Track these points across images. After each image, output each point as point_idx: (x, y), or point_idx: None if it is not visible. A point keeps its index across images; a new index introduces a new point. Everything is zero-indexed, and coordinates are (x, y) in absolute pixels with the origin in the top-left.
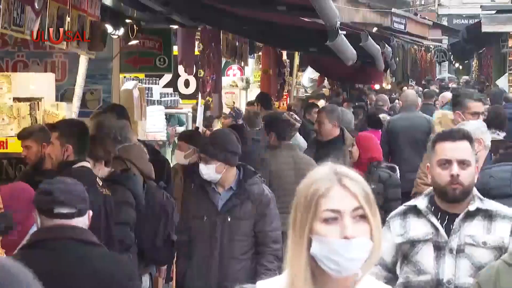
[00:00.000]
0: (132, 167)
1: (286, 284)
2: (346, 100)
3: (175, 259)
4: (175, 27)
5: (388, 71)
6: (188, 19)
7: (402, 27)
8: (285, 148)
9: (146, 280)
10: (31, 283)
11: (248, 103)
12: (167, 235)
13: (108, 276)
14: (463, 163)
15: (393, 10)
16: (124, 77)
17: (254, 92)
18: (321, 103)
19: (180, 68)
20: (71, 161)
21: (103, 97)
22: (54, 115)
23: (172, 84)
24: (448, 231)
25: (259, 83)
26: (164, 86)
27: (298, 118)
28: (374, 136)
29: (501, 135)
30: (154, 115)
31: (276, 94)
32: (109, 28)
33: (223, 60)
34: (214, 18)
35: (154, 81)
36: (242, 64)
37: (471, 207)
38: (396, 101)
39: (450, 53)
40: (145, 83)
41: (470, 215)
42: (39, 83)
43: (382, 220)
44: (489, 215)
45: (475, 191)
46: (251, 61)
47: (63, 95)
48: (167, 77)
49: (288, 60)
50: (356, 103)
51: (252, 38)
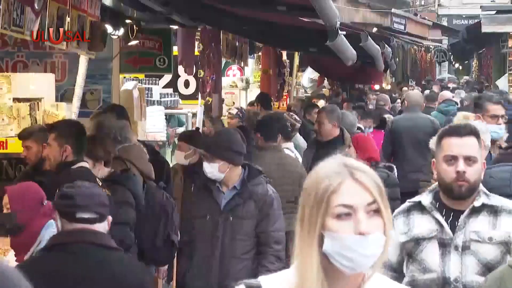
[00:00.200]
0: (132, 167)
1: (295, 280)
2: (346, 100)
3: (176, 259)
4: (175, 27)
5: (388, 71)
6: (188, 19)
7: (402, 27)
8: (271, 149)
9: None
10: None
11: (249, 104)
12: (167, 235)
13: (126, 281)
14: (469, 160)
15: (393, 10)
16: (124, 77)
17: (254, 92)
18: (320, 103)
19: (180, 69)
20: (70, 161)
21: (103, 97)
22: (54, 115)
23: (172, 84)
24: (453, 228)
25: (259, 83)
26: (164, 87)
27: (298, 119)
28: (372, 136)
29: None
30: (154, 116)
31: (276, 94)
32: (109, 28)
33: (223, 60)
34: (214, 18)
35: (154, 81)
36: (242, 64)
37: (477, 203)
38: (398, 101)
39: (450, 53)
40: (145, 84)
41: (475, 211)
42: (39, 84)
43: None
44: (494, 211)
45: (481, 186)
46: (251, 61)
47: (63, 95)
48: (167, 77)
49: (288, 60)
50: (356, 103)
51: (252, 38)
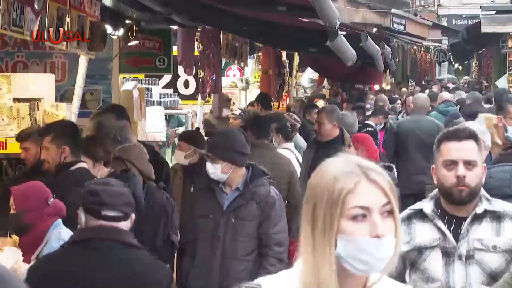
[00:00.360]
0: (131, 168)
1: (302, 282)
2: (345, 100)
3: (176, 259)
4: (175, 27)
5: (387, 71)
6: (188, 19)
7: (402, 27)
8: (262, 147)
9: None
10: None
11: (249, 104)
12: (166, 235)
13: (146, 279)
14: (469, 164)
15: (392, 10)
16: (123, 77)
17: (253, 92)
18: (320, 103)
19: (180, 69)
20: (69, 162)
21: (103, 97)
22: (54, 115)
23: (172, 84)
24: (456, 236)
25: (259, 84)
26: (164, 87)
27: (298, 119)
28: (370, 136)
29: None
30: (154, 116)
31: (275, 94)
32: (109, 28)
33: (223, 61)
34: (214, 18)
35: (154, 81)
36: (242, 65)
37: (479, 209)
38: (398, 101)
39: (450, 53)
40: (144, 84)
41: (477, 218)
42: (39, 84)
43: None
44: (497, 217)
45: (482, 191)
46: (250, 61)
47: (63, 95)
48: (167, 77)
49: (288, 61)
50: (356, 104)
51: (252, 39)
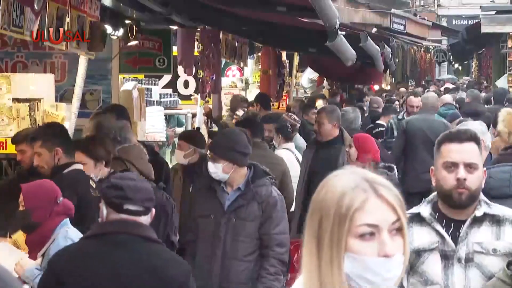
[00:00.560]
0: (131, 168)
1: None
2: (345, 100)
3: None
4: (175, 27)
5: (387, 71)
6: (188, 19)
7: (402, 27)
8: (255, 146)
9: None
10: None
11: (249, 104)
12: (166, 235)
13: (165, 273)
14: (470, 167)
15: (392, 10)
16: (123, 77)
17: (253, 92)
18: (319, 103)
19: (180, 69)
20: (63, 164)
21: (102, 97)
22: (54, 115)
23: (172, 84)
24: (455, 239)
25: (259, 84)
26: (164, 87)
27: (298, 119)
28: (372, 136)
29: None
30: (154, 116)
31: (275, 94)
32: (108, 28)
33: (223, 61)
34: (214, 18)
35: (154, 81)
36: (242, 65)
37: (478, 213)
38: (396, 102)
39: (450, 53)
40: (144, 84)
41: (477, 221)
42: (39, 84)
43: None
44: (497, 220)
45: (481, 195)
46: (250, 61)
47: (63, 95)
48: (167, 77)
49: (288, 61)
50: (356, 104)
51: (251, 39)
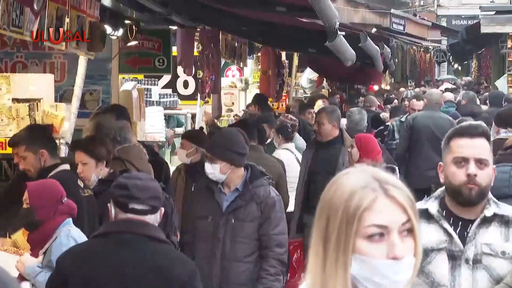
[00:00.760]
0: (131, 168)
1: None
2: (345, 100)
3: None
4: (174, 27)
5: (387, 72)
6: (187, 19)
7: (401, 28)
8: (252, 149)
9: None
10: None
11: (247, 106)
12: (166, 235)
13: (171, 273)
14: (480, 162)
15: (392, 11)
16: (123, 78)
17: (253, 93)
18: (318, 103)
19: (179, 69)
20: (49, 166)
21: (102, 97)
22: (53, 116)
23: (171, 85)
24: (463, 239)
25: (258, 84)
26: (163, 87)
27: (294, 118)
28: (373, 137)
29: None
30: (153, 116)
31: (275, 95)
32: (108, 28)
33: (222, 61)
34: (214, 18)
35: (153, 82)
36: (241, 65)
37: (488, 212)
38: (395, 101)
39: (449, 54)
40: (144, 84)
41: (486, 221)
42: (38, 84)
43: None
44: (505, 221)
45: (490, 194)
46: (250, 61)
47: (62, 95)
48: (166, 78)
49: (287, 61)
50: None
51: (251, 39)
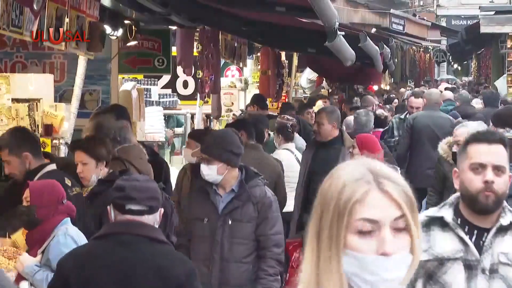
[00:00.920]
0: (130, 168)
1: None
2: (345, 101)
3: None
4: (174, 28)
5: (386, 72)
6: (187, 19)
7: (401, 28)
8: (249, 147)
9: None
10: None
11: (247, 106)
12: (166, 236)
13: (169, 274)
14: (498, 169)
15: (391, 11)
16: (123, 78)
17: (252, 93)
18: (318, 103)
19: (179, 69)
20: (35, 169)
21: (102, 98)
22: (53, 116)
23: (171, 85)
24: (478, 248)
25: (258, 84)
26: (163, 87)
27: (291, 118)
28: (375, 136)
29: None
30: (153, 116)
31: (274, 95)
32: (107, 29)
33: (222, 61)
34: (213, 18)
35: (153, 82)
36: (241, 65)
37: (504, 221)
38: (395, 101)
39: (449, 54)
40: (143, 84)
41: (502, 230)
42: (38, 84)
43: None
44: None
45: (505, 202)
46: (249, 61)
47: (62, 96)
48: (166, 78)
49: (287, 61)
50: (355, 104)
51: (251, 39)
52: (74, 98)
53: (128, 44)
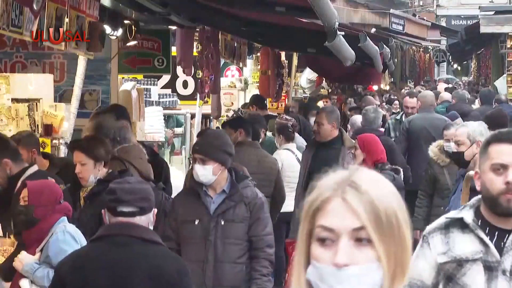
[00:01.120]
0: (130, 168)
1: None
2: (343, 101)
3: None
4: (174, 27)
5: (386, 71)
6: (187, 19)
7: (401, 28)
8: (250, 145)
9: None
10: None
11: (242, 106)
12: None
13: (161, 273)
14: None
15: (391, 11)
16: (122, 78)
17: (252, 92)
18: (319, 104)
19: (179, 69)
20: (18, 172)
21: (101, 98)
22: (53, 116)
23: (171, 85)
24: (499, 249)
25: (258, 84)
26: (163, 87)
27: (289, 118)
28: (376, 137)
29: None
30: (152, 116)
31: (274, 95)
32: (107, 28)
33: (222, 61)
34: (213, 18)
35: (153, 82)
36: (241, 65)
37: None
38: (396, 102)
39: (449, 54)
40: (143, 84)
41: None
42: (38, 84)
43: None
44: None
45: None
46: (249, 62)
47: (62, 95)
48: (166, 78)
49: (287, 61)
50: (349, 105)
51: (250, 39)
52: (74, 98)
53: (128, 44)
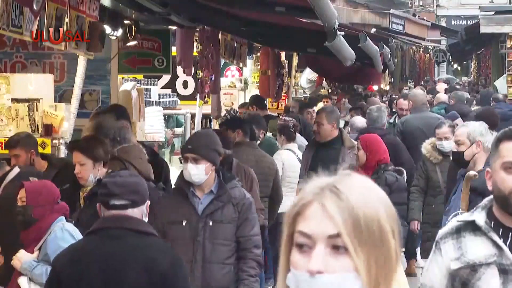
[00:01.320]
0: (130, 168)
1: None
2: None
3: None
4: (174, 28)
5: (386, 72)
6: (187, 19)
7: (401, 28)
8: (248, 146)
9: None
10: None
11: (240, 106)
12: None
13: (153, 263)
14: None
15: (391, 11)
16: (122, 78)
17: (252, 93)
18: (319, 104)
19: (179, 69)
20: (5, 173)
21: (101, 98)
22: (53, 116)
23: (171, 85)
24: None
25: (258, 84)
26: (163, 87)
27: (288, 118)
28: (379, 137)
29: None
30: (152, 116)
31: (274, 95)
32: (107, 29)
33: (222, 61)
34: (213, 18)
35: (153, 82)
36: (241, 65)
37: None
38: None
39: (449, 54)
40: (143, 84)
41: None
42: (38, 84)
43: None
44: None
45: None
46: (249, 62)
47: (62, 96)
48: (166, 78)
49: (287, 61)
50: (349, 105)
51: (250, 39)
52: (74, 98)
53: (128, 44)
